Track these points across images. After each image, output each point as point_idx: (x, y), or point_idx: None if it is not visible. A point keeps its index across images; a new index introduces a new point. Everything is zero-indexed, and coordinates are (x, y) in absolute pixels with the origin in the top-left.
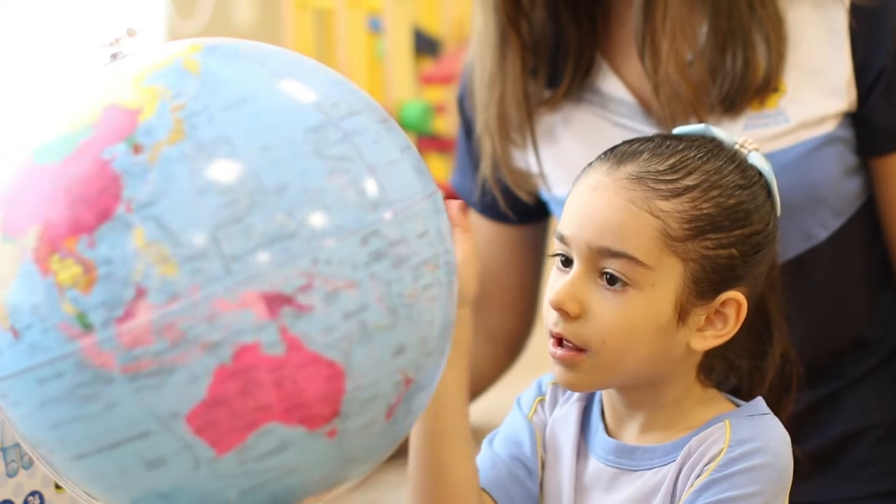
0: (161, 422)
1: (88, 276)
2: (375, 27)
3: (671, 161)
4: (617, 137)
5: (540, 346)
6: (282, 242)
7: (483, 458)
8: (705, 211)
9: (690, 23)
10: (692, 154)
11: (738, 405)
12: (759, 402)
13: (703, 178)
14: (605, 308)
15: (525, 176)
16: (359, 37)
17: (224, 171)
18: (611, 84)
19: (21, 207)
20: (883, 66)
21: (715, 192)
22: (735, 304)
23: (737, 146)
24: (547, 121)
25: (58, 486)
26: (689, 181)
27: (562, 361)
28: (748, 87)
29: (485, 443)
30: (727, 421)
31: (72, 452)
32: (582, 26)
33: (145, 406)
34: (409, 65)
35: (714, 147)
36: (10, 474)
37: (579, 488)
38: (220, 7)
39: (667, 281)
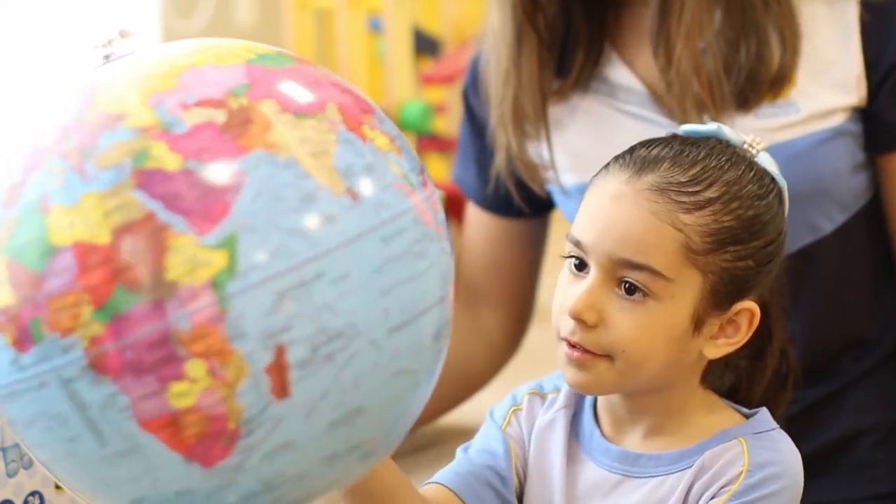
0: (445, 288)
1: (393, 144)
2: (375, 27)
3: (693, 171)
4: (624, 126)
5: (538, 344)
6: None
7: (457, 462)
8: (726, 224)
9: (708, 20)
10: (712, 164)
11: (743, 413)
12: (766, 416)
13: (723, 189)
14: (624, 318)
15: (538, 168)
16: (359, 37)
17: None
18: (620, 73)
19: (292, 92)
20: (893, 62)
21: (735, 204)
22: (748, 313)
23: (745, 145)
24: (555, 110)
25: (58, 486)
26: (710, 193)
27: (577, 362)
28: (761, 82)
29: (459, 451)
30: (743, 441)
31: (392, 324)
32: (593, 19)
33: (445, 268)
34: (409, 65)
35: (732, 154)
36: (10, 474)
37: (574, 495)
38: (220, 7)
39: (686, 293)
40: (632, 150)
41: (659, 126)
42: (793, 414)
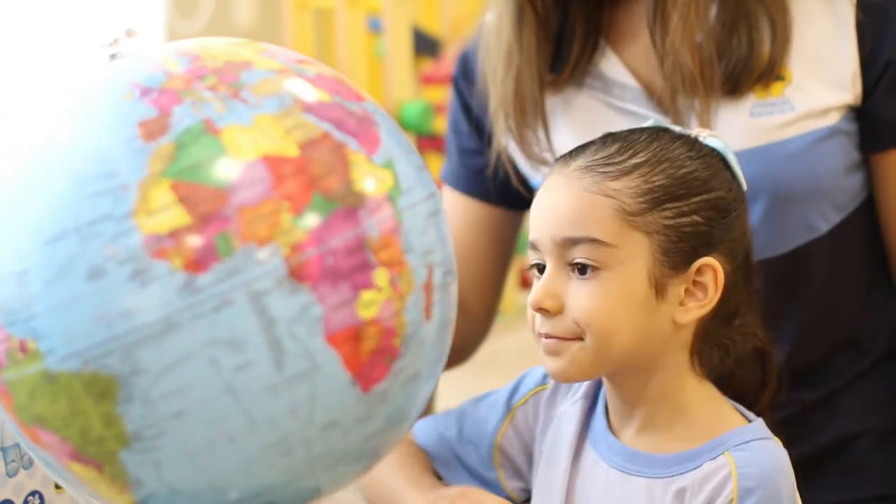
0: None
1: None
2: (375, 27)
3: (616, 146)
4: (618, 121)
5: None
6: None
7: (446, 426)
8: (657, 183)
9: (704, 7)
10: (636, 137)
11: (740, 412)
12: (761, 425)
13: (649, 154)
14: (582, 295)
15: (539, 147)
16: (358, 37)
17: None
18: (615, 69)
19: None
20: (889, 59)
21: (664, 165)
22: (710, 270)
23: (693, 136)
24: (549, 103)
25: (57, 486)
26: (636, 159)
27: (550, 350)
28: (753, 69)
29: (468, 402)
30: (731, 460)
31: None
32: (589, 12)
33: None
34: (409, 65)
35: (659, 130)
36: (10, 474)
37: (574, 485)
38: (220, 7)
39: (635, 257)
40: (565, 153)
41: None
42: (788, 416)
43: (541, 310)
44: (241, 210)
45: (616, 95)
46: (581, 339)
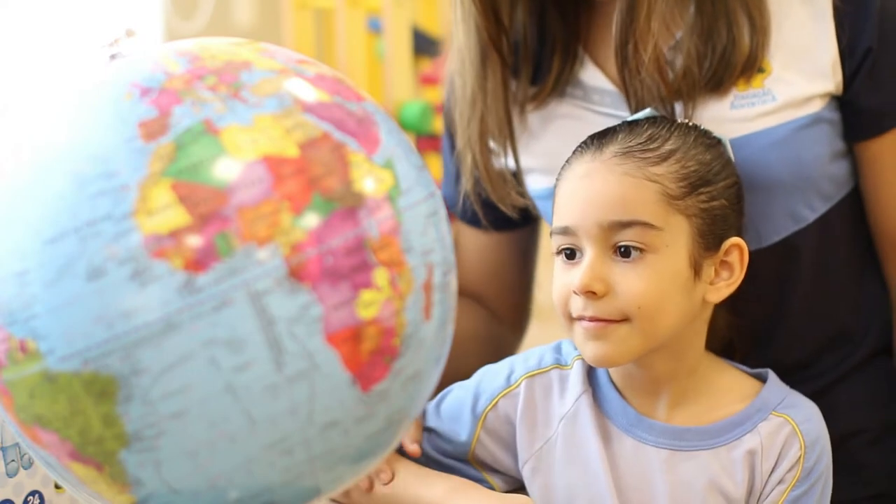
0: None
1: None
2: (375, 27)
3: (647, 133)
4: (600, 124)
5: (538, 341)
6: None
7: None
8: (692, 168)
9: (678, 14)
10: (660, 124)
11: (748, 373)
12: (774, 376)
13: (679, 141)
14: (631, 277)
15: (507, 187)
16: (358, 37)
17: None
18: (592, 76)
19: None
20: (868, 47)
21: (693, 151)
22: (737, 249)
23: (700, 127)
24: (532, 119)
25: (57, 486)
26: (669, 145)
27: (595, 333)
28: (735, 66)
29: (429, 418)
30: (789, 418)
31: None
32: (567, 21)
33: None
34: (409, 65)
35: (672, 120)
36: (10, 474)
37: (620, 474)
38: (220, 7)
39: (678, 239)
40: (586, 140)
41: None
42: None
43: (588, 293)
44: (241, 210)
45: (595, 101)
46: (628, 320)
